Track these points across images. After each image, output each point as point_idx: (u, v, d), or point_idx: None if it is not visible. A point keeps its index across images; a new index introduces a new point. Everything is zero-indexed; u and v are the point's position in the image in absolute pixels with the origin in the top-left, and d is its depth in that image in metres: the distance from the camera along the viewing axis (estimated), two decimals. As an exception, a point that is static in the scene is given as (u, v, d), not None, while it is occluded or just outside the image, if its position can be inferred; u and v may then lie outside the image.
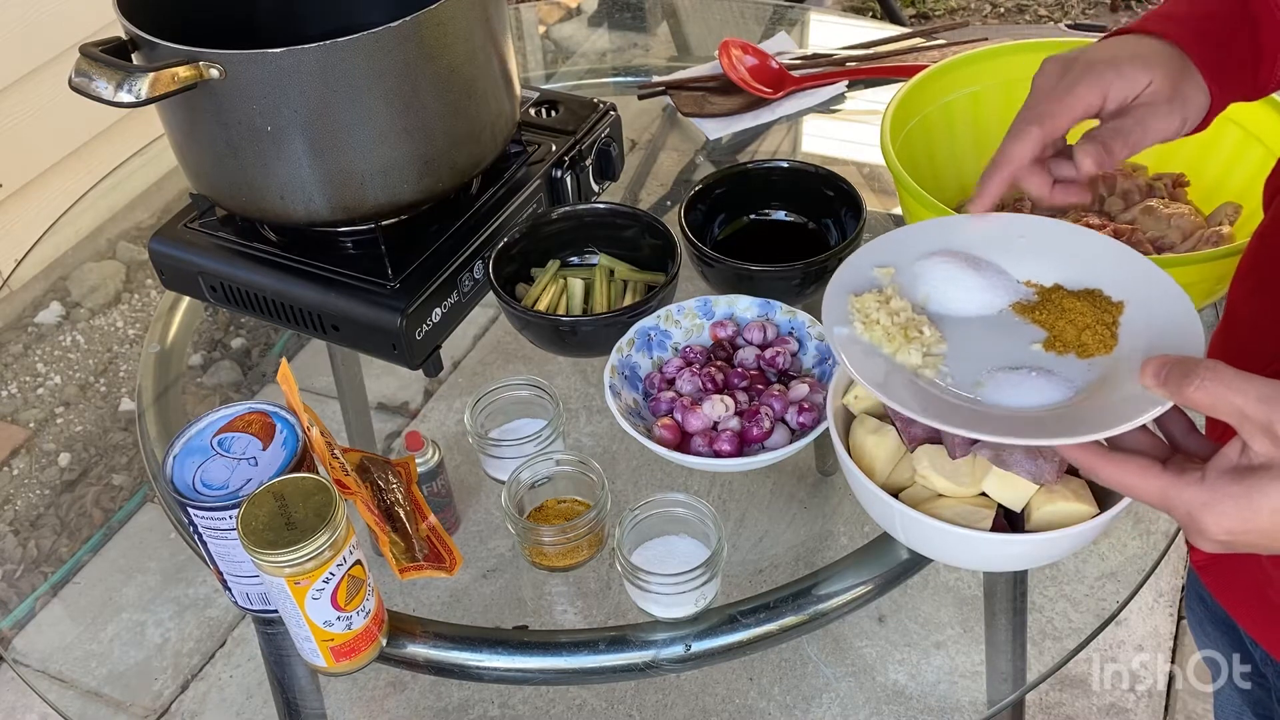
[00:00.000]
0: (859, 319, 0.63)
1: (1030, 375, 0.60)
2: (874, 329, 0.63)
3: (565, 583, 0.81)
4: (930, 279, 0.66)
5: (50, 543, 1.56)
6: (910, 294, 0.65)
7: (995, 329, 0.64)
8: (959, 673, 1.07)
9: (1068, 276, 0.65)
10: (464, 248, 0.89)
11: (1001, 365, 0.61)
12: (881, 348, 0.62)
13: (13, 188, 2.00)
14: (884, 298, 0.64)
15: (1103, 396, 0.58)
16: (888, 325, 0.62)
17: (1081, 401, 0.58)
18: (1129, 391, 0.56)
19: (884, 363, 0.61)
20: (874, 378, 0.59)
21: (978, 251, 0.66)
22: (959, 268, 0.66)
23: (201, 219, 0.95)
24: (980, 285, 0.65)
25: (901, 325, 0.62)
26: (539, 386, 0.84)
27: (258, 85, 0.78)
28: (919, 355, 0.61)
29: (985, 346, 0.63)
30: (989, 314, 0.65)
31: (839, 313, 0.64)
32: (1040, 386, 0.59)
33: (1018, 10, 3.19)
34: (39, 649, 1.09)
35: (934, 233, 0.68)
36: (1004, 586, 0.92)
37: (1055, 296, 0.64)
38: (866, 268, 0.67)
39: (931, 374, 0.61)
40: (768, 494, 0.91)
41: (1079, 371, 0.60)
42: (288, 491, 0.63)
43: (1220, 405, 0.48)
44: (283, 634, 0.69)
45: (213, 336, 1.62)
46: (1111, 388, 0.58)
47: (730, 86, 1.22)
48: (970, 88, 0.98)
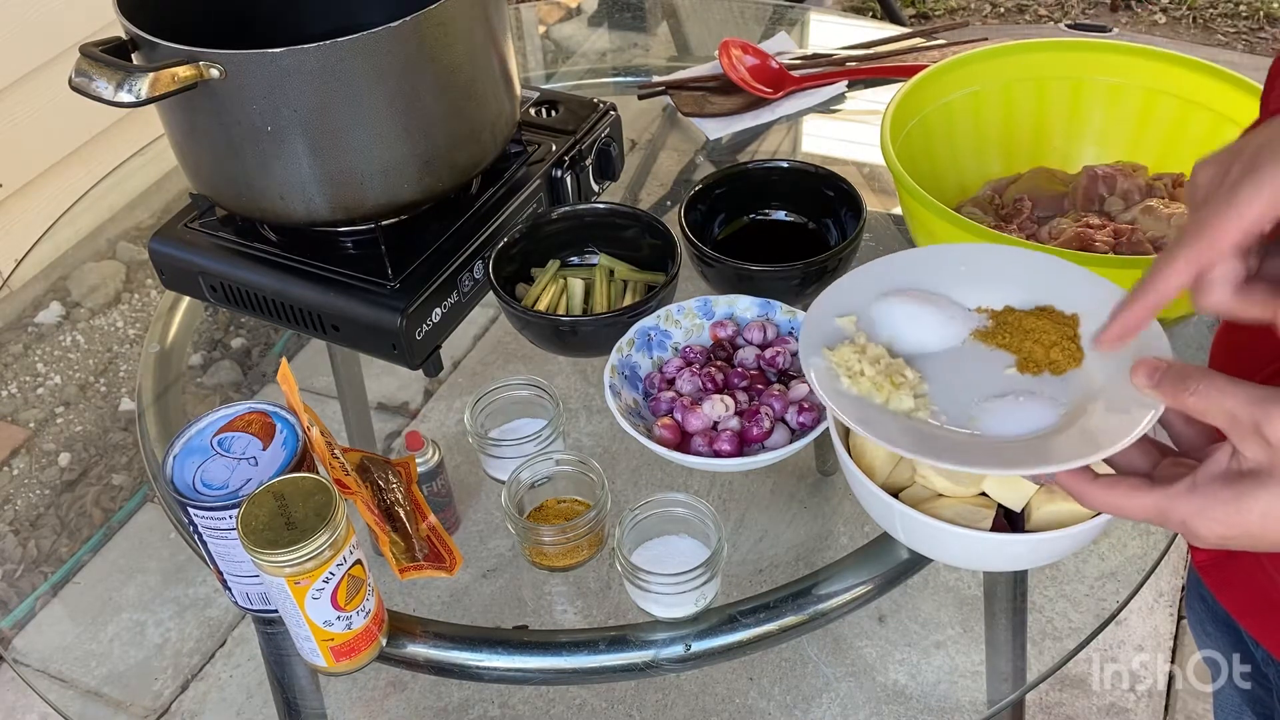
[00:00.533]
0: (843, 373, 0.63)
1: (1018, 400, 0.61)
2: (860, 381, 0.63)
3: (565, 583, 0.81)
4: (890, 321, 0.66)
5: (50, 543, 1.56)
6: (874, 339, 0.66)
7: (966, 360, 0.65)
8: (959, 673, 1.07)
9: (1014, 297, 0.67)
10: (464, 248, 0.89)
11: (986, 395, 0.62)
12: (872, 398, 0.62)
13: (13, 188, 2.00)
14: (859, 348, 0.64)
15: (1093, 412, 0.59)
16: (873, 375, 0.63)
17: (1073, 419, 0.59)
18: (1115, 403, 0.58)
19: (880, 413, 0.61)
20: (886, 434, 0.59)
21: (926, 286, 0.67)
22: (916, 305, 0.66)
23: (201, 219, 0.95)
24: (939, 320, 0.66)
25: (885, 373, 0.63)
26: (539, 386, 0.84)
27: (258, 85, 0.78)
28: (910, 399, 0.62)
29: (963, 379, 0.64)
30: (954, 345, 0.66)
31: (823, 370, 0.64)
32: (1031, 410, 0.60)
33: (1018, 10, 3.19)
34: (39, 649, 1.09)
35: (880, 274, 0.69)
36: (1004, 586, 0.92)
37: (1011, 319, 0.65)
38: (828, 320, 0.67)
39: (925, 415, 0.61)
40: (768, 494, 0.91)
41: (1059, 389, 0.62)
42: (288, 491, 0.63)
43: (1213, 409, 0.48)
44: (283, 634, 0.69)
45: (213, 336, 1.62)
46: (1096, 402, 0.59)
47: (730, 86, 1.22)
48: (970, 88, 0.98)
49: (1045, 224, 0.90)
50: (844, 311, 0.68)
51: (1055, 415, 0.60)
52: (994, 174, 0.99)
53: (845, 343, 0.65)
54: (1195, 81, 0.92)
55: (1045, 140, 0.99)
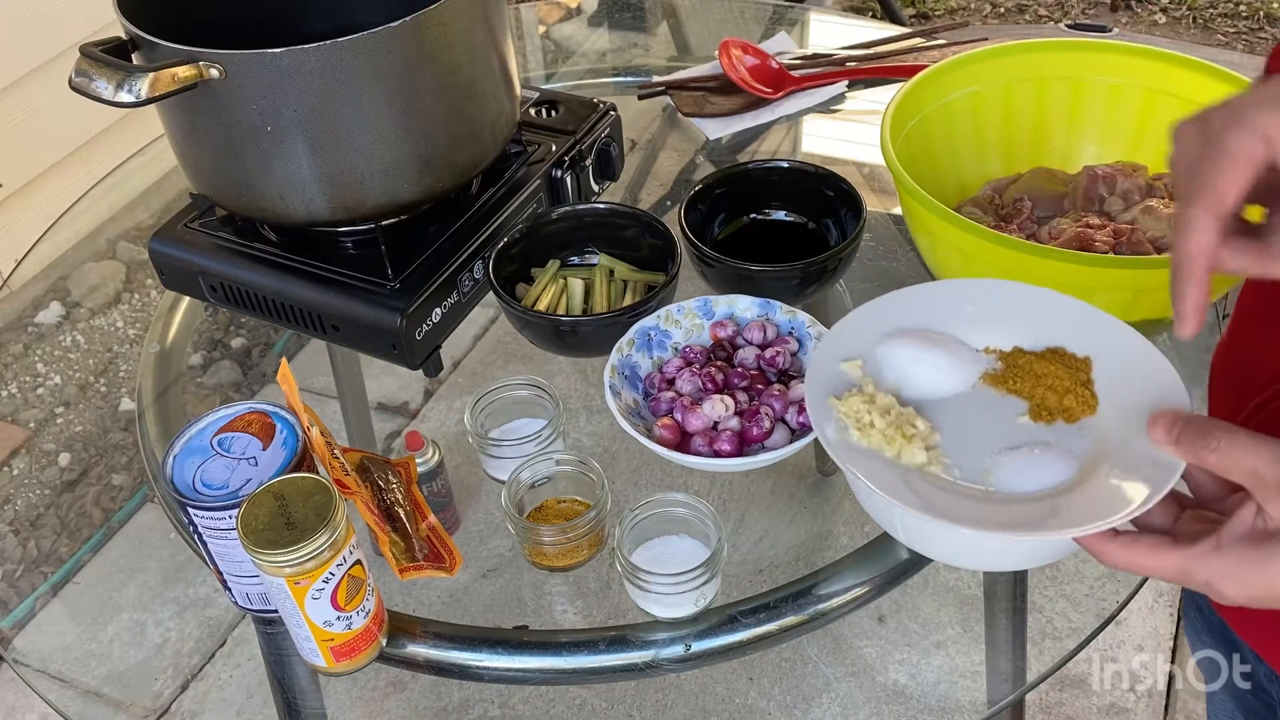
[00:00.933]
0: (852, 425, 0.61)
1: (1034, 454, 0.59)
2: (870, 433, 0.60)
3: (565, 583, 0.81)
4: (896, 365, 0.64)
5: (50, 543, 1.56)
6: (880, 384, 0.63)
7: (977, 407, 0.63)
8: (959, 673, 1.07)
9: (1024, 337, 0.64)
10: (464, 248, 0.89)
11: (1000, 447, 0.60)
12: (883, 452, 0.60)
13: (13, 188, 2.00)
14: (868, 397, 0.62)
15: (1111, 468, 0.57)
16: (884, 428, 0.60)
17: (1089, 473, 0.58)
18: (1133, 458, 0.56)
19: (893, 470, 0.59)
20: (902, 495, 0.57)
21: (932, 326, 0.65)
22: (922, 348, 0.64)
23: (201, 219, 0.95)
24: (947, 363, 0.64)
25: (896, 424, 0.60)
26: (539, 386, 0.84)
27: (258, 85, 0.78)
28: (923, 453, 0.60)
29: (975, 428, 0.61)
30: (964, 390, 0.63)
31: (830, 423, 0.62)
32: (1047, 464, 0.59)
33: (1018, 10, 3.19)
34: (39, 649, 1.09)
35: (884, 313, 0.67)
36: (1004, 586, 0.92)
37: (1022, 361, 0.63)
38: (833, 365, 0.65)
39: (938, 470, 0.59)
40: (768, 494, 0.91)
41: (1074, 438, 0.60)
42: (288, 491, 0.63)
43: (1235, 468, 0.47)
44: (283, 634, 0.69)
45: (213, 336, 1.62)
46: (1113, 456, 0.58)
47: (730, 86, 1.22)
48: (970, 88, 0.98)
49: (1045, 224, 0.90)
50: (849, 356, 0.65)
51: (1071, 469, 0.58)
52: (994, 174, 0.99)
53: (853, 391, 0.63)
54: (1195, 81, 0.92)
55: (1045, 140, 0.99)
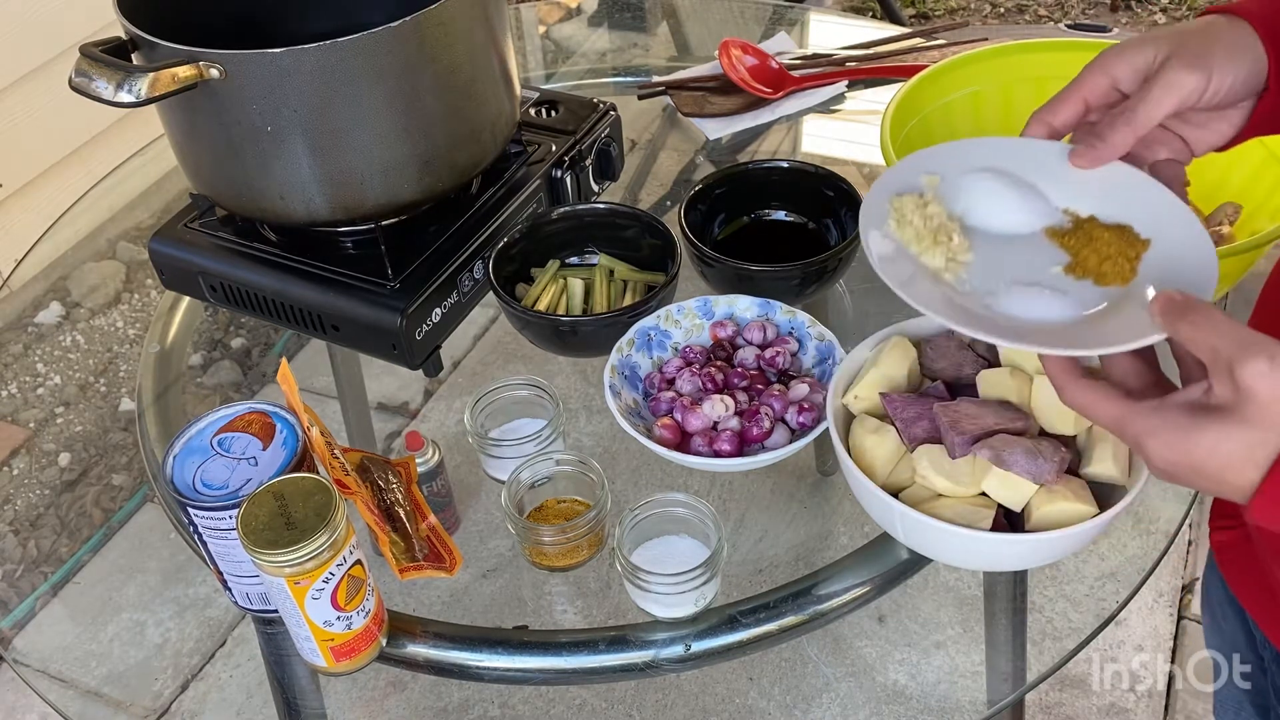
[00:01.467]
0: (894, 217, 0.65)
1: (1044, 292, 0.61)
2: (905, 229, 0.64)
3: (565, 583, 0.81)
4: (971, 193, 0.67)
5: (50, 543, 1.56)
6: (950, 204, 0.66)
7: (1024, 247, 0.65)
8: (959, 673, 1.07)
9: (1104, 210, 0.66)
10: (464, 248, 0.89)
11: (1020, 280, 0.62)
12: (910, 247, 0.63)
13: (13, 188, 2.00)
14: (922, 202, 0.65)
15: (1101, 320, 0.59)
16: (919, 227, 0.64)
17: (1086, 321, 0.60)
18: (1126, 318, 0.58)
19: (910, 263, 0.63)
20: (897, 275, 0.61)
21: (1025, 174, 0.67)
22: (1001, 186, 0.67)
23: (201, 219, 0.95)
24: (1018, 205, 0.66)
25: (933, 229, 0.64)
26: (539, 386, 0.84)
27: (258, 85, 0.78)
28: (942, 259, 0.63)
29: (1009, 261, 0.64)
30: (1021, 233, 0.65)
31: (878, 208, 0.65)
32: (1049, 303, 0.60)
33: (1018, 10, 3.19)
34: (39, 649, 1.09)
35: (987, 150, 0.69)
36: (1004, 586, 0.92)
37: (1087, 226, 0.65)
38: (915, 173, 0.68)
39: (951, 278, 0.62)
40: (768, 494, 0.91)
41: (1092, 296, 0.61)
42: (288, 491, 0.63)
43: (1200, 342, 0.49)
44: (283, 634, 0.69)
45: (213, 336, 1.62)
46: (1113, 314, 0.59)
47: (730, 86, 1.22)
48: (970, 88, 0.98)
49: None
50: (933, 170, 0.68)
51: (1070, 314, 0.60)
52: (994, 174, 0.99)
53: (914, 193, 0.66)
54: (1195, 81, 0.92)
55: (1045, 140, 0.99)
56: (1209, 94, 0.59)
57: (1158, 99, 0.59)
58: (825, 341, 0.81)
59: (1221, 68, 0.59)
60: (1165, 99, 0.59)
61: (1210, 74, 0.58)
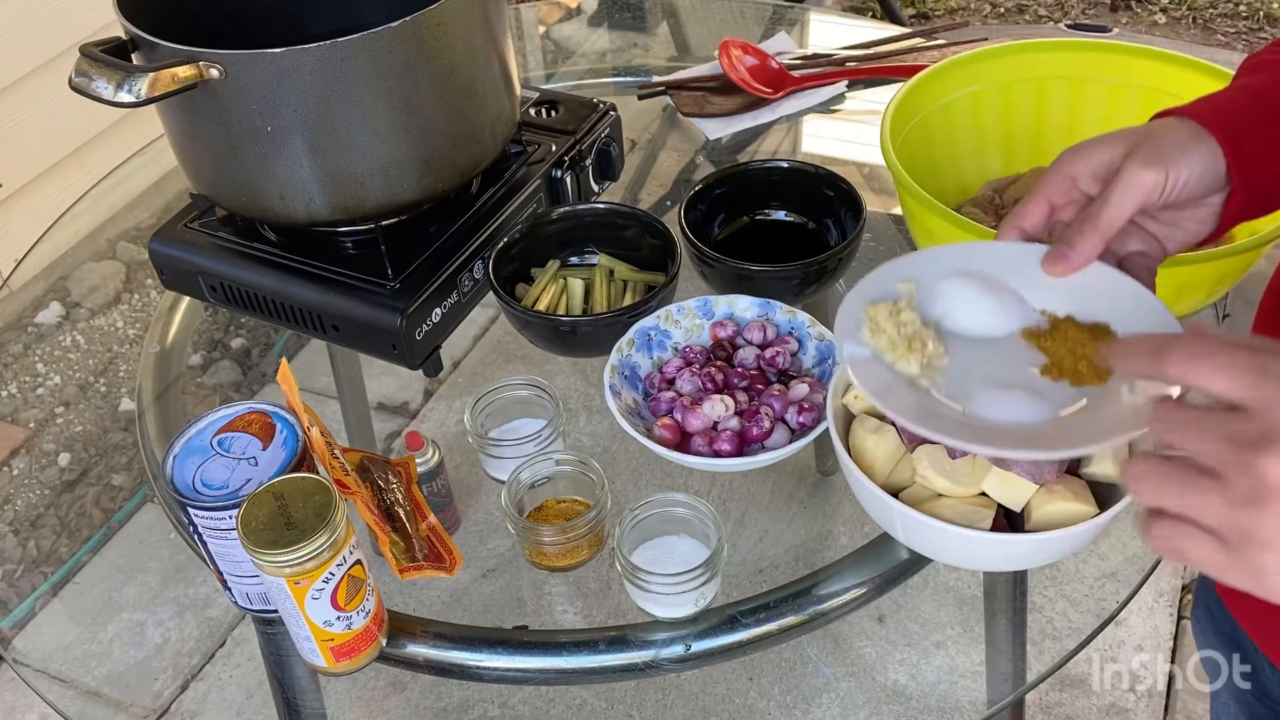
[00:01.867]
0: (868, 325, 0.65)
1: (1019, 394, 0.61)
2: (880, 336, 0.64)
3: (565, 583, 0.81)
4: (947, 298, 0.67)
5: (50, 543, 1.56)
6: (927, 310, 0.67)
7: (1000, 351, 0.65)
8: (959, 673, 1.07)
9: (1081, 309, 0.66)
10: (464, 248, 0.89)
11: (996, 384, 0.62)
12: (884, 355, 0.63)
13: (13, 188, 2.00)
14: (896, 309, 0.66)
15: (1078, 419, 0.59)
16: (892, 334, 0.64)
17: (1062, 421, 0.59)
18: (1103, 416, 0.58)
19: (885, 370, 0.63)
20: (872, 383, 0.61)
21: (1001, 277, 0.68)
22: (976, 290, 0.67)
23: (201, 219, 0.95)
24: (994, 309, 0.66)
25: (907, 336, 0.64)
26: (539, 386, 0.84)
27: (258, 85, 0.78)
28: (917, 365, 0.63)
29: (985, 365, 0.64)
30: (998, 336, 0.66)
31: (853, 318, 0.66)
32: (1025, 404, 0.60)
33: (1018, 10, 3.19)
34: (39, 649, 1.09)
35: (961, 255, 0.70)
36: (1004, 586, 0.92)
37: (1063, 326, 0.65)
38: (890, 281, 0.68)
39: (926, 384, 0.62)
40: (768, 494, 0.91)
41: (1068, 397, 0.61)
42: (288, 491, 0.63)
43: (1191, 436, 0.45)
44: (283, 634, 0.69)
45: (213, 336, 1.62)
46: (1090, 412, 0.59)
47: (730, 86, 1.22)
48: (970, 88, 0.98)
49: (1045, 224, 0.90)
50: (909, 277, 0.68)
51: (1046, 415, 0.60)
52: (994, 174, 0.99)
53: (889, 302, 0.67)
54: (1195, 81, 0.92)
55: (1045, 140, 0.99)
56: (1168, 190, 0.60)
57: (1119, 200, 0.60)
58: (825, 341, 0.81)
59: (1176, 164, 0.59)
60: (1126, 199, 0.60)
61: (1167, 170, 0.59)
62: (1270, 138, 0.61)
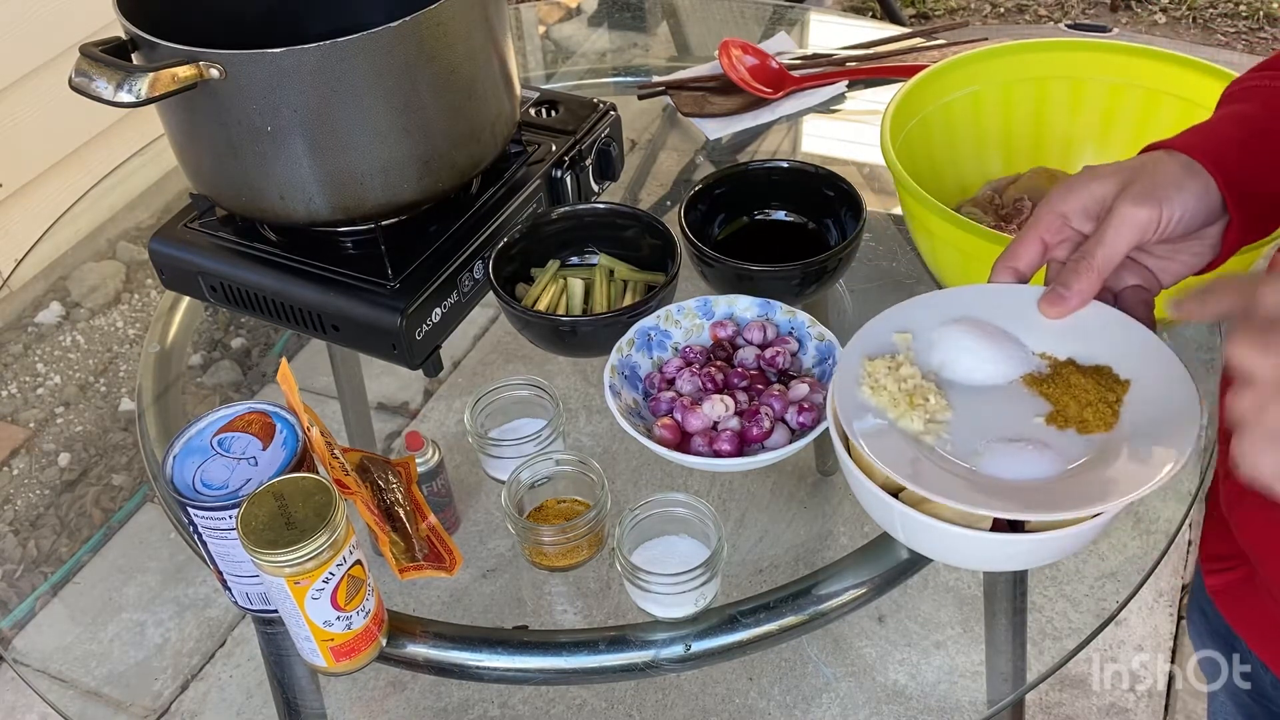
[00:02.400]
0: (868, 383, 0.65)
1: (1026, 448, 0.61)
2: (880, 394, 0.64)
3: (565, 583, 0.81)
4: (945, 347, 0.67)
5: (50, 543, 1.56)
6: (925, 360, 0.66)
7: (1003, 399, 0.64)
8: (959, 673, 1.07)
9: (1081, 351, 0.66)
10: (464, 248, 0.89)
11: (1002, 436, 0.62)
12: (887, 412, 0.63)
13: (13, 188, 2.00)
14: (895, 364, 0.65)
15: (1093, 472, 0.59)
16: (893, 391, 0.64)
17: (1071, 476, 0.59)
18: (1114, 471, 0.58)
19: (887, 427, 0.62)
20: (878, 448, 0.60)
21: (997, 321, 0.67)
22: (975, 338, 0.66)
23: (201, 219, 0.95)
24: (994, 356, 0.66)
25: (908, 392, 0.64)
26: (539, 386, 0.84)
27: (258, 85, 0.78)
28: (921, 422, 0.62)
29: (989, 417, 0.64)
30: (999, 384, 0.65)
31: (851, 375, 0.65)
32: (1034, 459, 0.60)
33: (1018, 10, 3.19)
34: (39, 649, 1.09)
35: (956, 300, 0.69)
36: (1004, 586, 0.92)
37: (1065, 371, 0.65)
38: (886, 332, 0.68)
39: (932, 440, 0.62)
40: (768, 494, 0.91)
41: (1077, 447, 0.61)
42: (288, 491, 0.63)
43: None
44: (283, 634, 0.69)
45: (213, 336, 1.62)
46: (1103, 464, 0.59)
47: (730, 86, 1.22)
48: (970, 88, 0.98)
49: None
50: (904, 328, 0.68)
51: (1055, 469, 0.60)
52: (994, 174, 0.99)
53: (886, 355, 0.66)
54: (1195, 81, 0.92)
55: (1045, 140, 0.99)
56: (1162, 226, 0.59)
57: (1113, 240, 0.59)
58: (825, 341, 0.81)
59: (1170, 200, 0.59)
60: (1120, 238, 0.59)
61: (1160, 206, 0.59)
62: (1263, 165, 0.60)
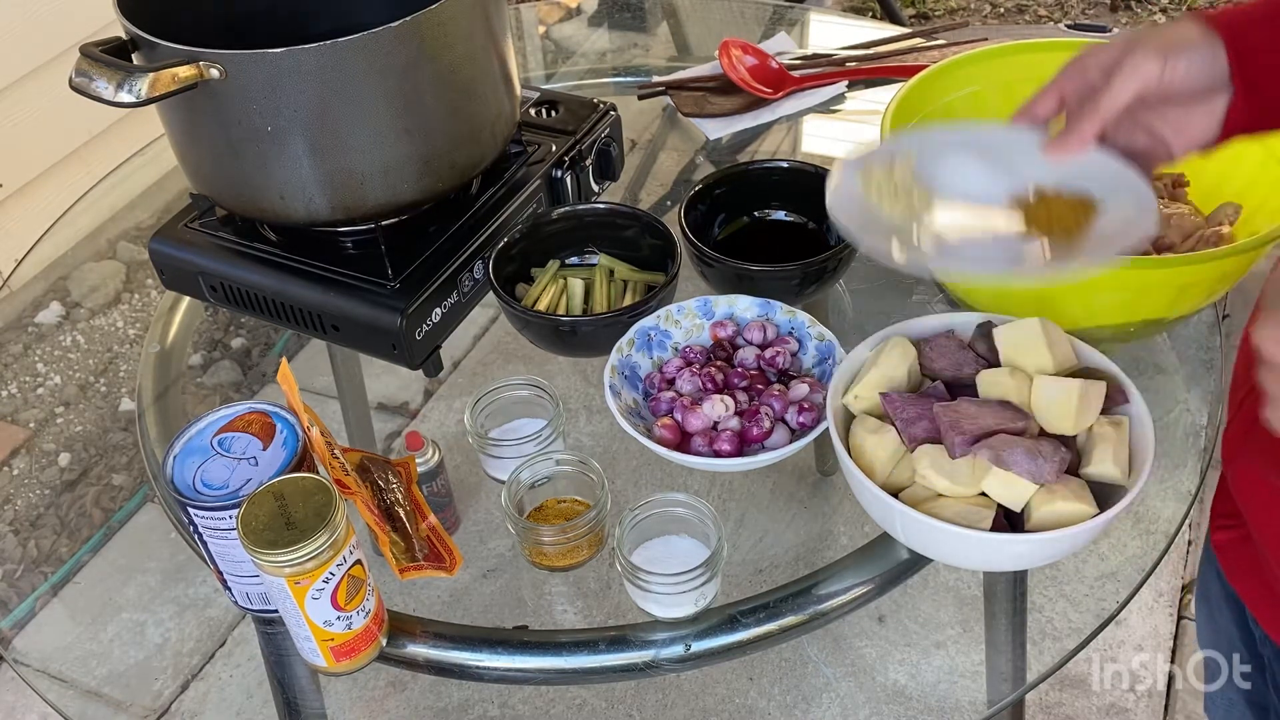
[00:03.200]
0: (861, 175, 0.71)
1: (989, 239, 0.67)
2: (871, 185, 0.70)
3: (565, 583, 0.81)
4: (943, 162, 0.72)
5: (50, 543, 1.56)
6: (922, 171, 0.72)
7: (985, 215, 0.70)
8: (959, 673, 1.07)
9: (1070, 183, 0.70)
10: (464, 248, 0.89)
11: (971, 232, 0.69)
12: (870, 198, 0.70)
13: (13, 188, 2.00)
14: (890, 166, 0.71)
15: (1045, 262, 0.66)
16: (882, 182, 0.70)
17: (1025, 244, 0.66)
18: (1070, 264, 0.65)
19: (859, 201, 0.70)
20: (845, 210, 0.69)
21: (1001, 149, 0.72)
22: (971, 157, 0.72)
23: (201, 219, 0.95)
24: (985, 174, 0.71)
25: (894, 183, 0.70)
26: (539, 386, 0.84)
27: (258, 85, 0.78)
28: (901, 212, 0.69)
29: (967, 224, 0.70)
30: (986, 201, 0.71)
31: (849, 172, 0.72)
32: (991, 249, 0.67)
33: (1018, 10, 3.19)
34: (39, 649, 1.09)
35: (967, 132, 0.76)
36: (1004, 586, 0.92)
37: (1048, 198, 0.70)
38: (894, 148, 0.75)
39: (908, 232, 0.68)
40: (768, 494, 0.91)
41: (1035, 247, 0.67)
42: (288, 491, 0.63)
43: None
44: (283, 634, 0.69)
45: (213, 336, 1.62)
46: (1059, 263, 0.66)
47: (730, 86, 1.22)
48: (970, 88, 0.98)
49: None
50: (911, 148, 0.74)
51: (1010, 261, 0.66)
52: (994, 174, 0.99)
53: (887, 158, 0.72)
54: (1195, 81, 0.92)
55: (1045, 140, 0.99)
56: (1165, 77, 0.64)
57: (1118, 87, 0.65)
58: (825, 341, 0.81)
59: (1176, 55, 0.63)
60: (1125, 85, 0.64)
61: (1165, 59, 0.63)
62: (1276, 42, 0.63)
